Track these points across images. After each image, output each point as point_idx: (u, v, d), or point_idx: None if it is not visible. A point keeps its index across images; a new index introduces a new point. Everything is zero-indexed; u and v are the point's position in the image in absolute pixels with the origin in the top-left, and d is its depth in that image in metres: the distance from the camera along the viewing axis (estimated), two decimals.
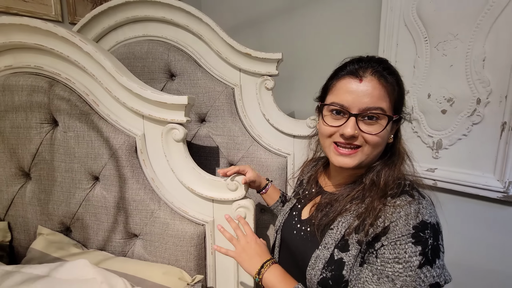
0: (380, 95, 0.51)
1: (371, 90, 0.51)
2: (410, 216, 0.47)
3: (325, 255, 0.53)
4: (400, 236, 0.47)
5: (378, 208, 0.50)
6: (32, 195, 0.86)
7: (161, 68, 1.08)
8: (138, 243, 0.86)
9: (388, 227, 0.48)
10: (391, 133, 0.56)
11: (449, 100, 0.90)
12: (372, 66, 0.52)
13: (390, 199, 0.51)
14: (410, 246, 0.46)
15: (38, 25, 0.76)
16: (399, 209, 0.48)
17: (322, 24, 1.22)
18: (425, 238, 0.46)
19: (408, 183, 0.54)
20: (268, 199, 0.88)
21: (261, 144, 1.09)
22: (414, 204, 0.49)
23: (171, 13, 1.05)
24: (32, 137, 0.83)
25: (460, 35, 0.86)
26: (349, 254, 0.51)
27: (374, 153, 0.54)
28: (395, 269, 0.46)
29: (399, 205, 0.49)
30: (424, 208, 0.48)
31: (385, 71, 0.52)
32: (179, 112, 0.79)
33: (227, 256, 0.68)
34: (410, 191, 0.52)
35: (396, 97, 0.53)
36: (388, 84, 0.51)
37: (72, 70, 0.82)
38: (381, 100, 0.51)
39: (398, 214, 0.48)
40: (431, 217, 0.48)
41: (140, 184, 0.83)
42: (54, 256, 0.78)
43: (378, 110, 0.51)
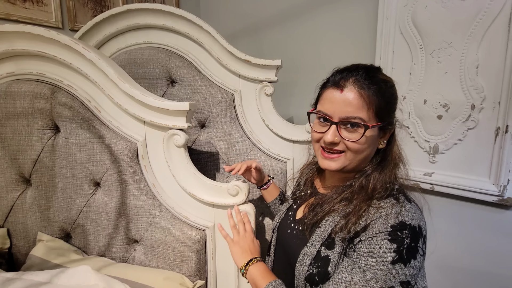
0: (359, 105, 0.53)
1: (351, 100, 0.54)
2: (390, 216, 0.50)
3: (312, 252, 0.55)
4: (377, 232, 0.49)
5: (363, 209, 0.53)
6: (33, 202, 0.86)
7: (162, 74, 1.10)
8: (139, 249, 0.86)
9: (368, 224, 0.51)
10: (382, 138, 0.58)
11: (444, 106, 0.92)
12: (354, 76, 0.55)
13: (375, 201, 0.53)
14: (385, 242, 0.48)
15: (41, 33, 0.77)
16: (381, 210, 0.51)
17: (321, 32, 1.25)
18: (402, 237, 0.48)
19: (397, 188, 0.56)
20: (267, 195, 0.91)
21: (261, 149, 1.10)
22: (397, 206, 0.51)
23: (172, 20, 1.07)
24: (34, 143, 0.84)
25: (454, 43, 0.89)
26: (334, 251, 0.54)
27: (357, 158, 0.56)
28: (368, 261, 0.48)
29: (382, 206, 0.52)
30: (406, 211, 0.50)
31: (367, 80, 0.54)
32: (181, 118, 0.80)
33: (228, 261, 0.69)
34: (397, 194, 0.54)
35: (378, 106, 0.54)
36: (369, 94, 0.54)
37: (74, 77, 0.83)
38: (360, 110, 0.53)
39: (380, 214, 0.51)
40: (412, 219, 0.50)
41: (141, 190, 0.84)
42: (55, 262, 0.78)
43: (356, 119, 0.54)
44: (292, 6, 1.32)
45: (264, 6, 1.43)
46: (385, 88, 0.55)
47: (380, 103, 0.54)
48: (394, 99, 0.58)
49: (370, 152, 0.57)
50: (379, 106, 0.54)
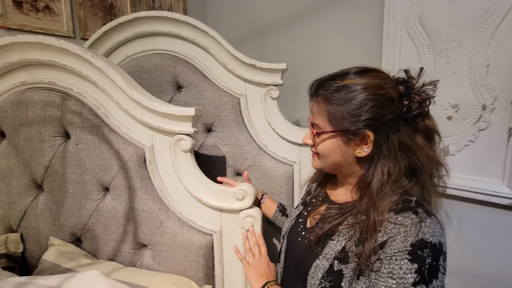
0: (315, 112, 0.57)
1: (313, 108, 0.58)
2: (410, 233, 0.47)
3: (324, 265, 0.54)
4: (396, 251, 0.47)
5: (378, 223, 0.50)
6: (44, 207, 0.88)
7: (168, 80, 1.11)
8: (147, 253, 0.87)
9: (386, 241, 0.48)
10: (358, 147, 0.55)
11: (454, 107, 0.90)
12: (319, 86, 0.58)
13: (392, 214, 0.50)
14: (405, 262, 0.46)
15: (52, 43, 0.80)
16: (399, 226, 0.48)
17: (326, 34, 1.24)
18: (423, 256, 0.45)
19: (415, 200, 0.52)
20: (266, 210, 0.90)
21: (267, 153, 1.10)
22: (416, 221, 0.48)
23: (178, 27, 1.09)
24: (45, 150, 0.86)
25: (462, 42, 0.87)
26: (348, 266, 0.51)
27: (328, 162, 0.59)
28: (388, 283, 0.46)
29: (400, 221, 0.49)
30: (427, 227, 0.47)
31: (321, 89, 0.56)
32: (187, 123, 0.80)
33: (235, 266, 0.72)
34: (415, 208, 0.50)
35: (331, 112, 0.54)
36: (327, 102, 0.55)
37: (83, 84, 0.85)
38: (317, 116, 0.57)
39: (398, 230, 0.48)
40: (433, 236, 0.47)
41: (149, 195, 0.84)
42: (65, 267, 0.79)
43: (314, 125, 0.58)
44: (297, 9, 1.33)
45: (269, 10, 1.43)
46: (347, 94, 0.53)
47: (334, 109, 0.54)
48: (360, 103, 0.52)
49: (338, 158, 0.57)
50: (333, 113, 0.54)
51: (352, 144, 0.55)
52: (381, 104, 0.52)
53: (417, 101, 0.54)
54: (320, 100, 0.56)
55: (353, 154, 0.55)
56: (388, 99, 0.52)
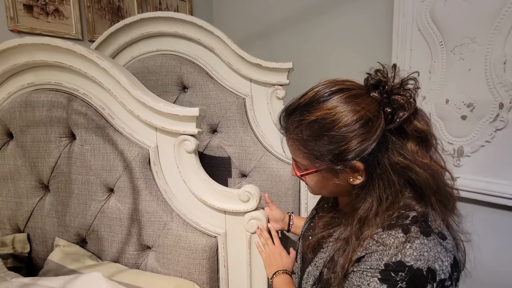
0: (294, 150, 0.52)
1: (288, 144, 0.54)
2: (387, 252, 0.43)
3: (315, 273, 0.54)
4: (368, 267, 0.44)
5: (364, 238, 0.46)
6: (51, 207, 0.89)
7: (174, 81, 1.11)
8: (151, 255, 0.86)
9: (363, 256, 0.45)
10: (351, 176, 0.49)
11: (469, 106, 0.86)
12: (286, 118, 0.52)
13: (380, 231, 0.45)
14: (375, 281, 0.43)
15: (59, 44, 0.80)
16: (379, 243, 0.44)
17: (333, 32, 1.22)
18: (395, 279, 0.41)
19: (413, 216, 0.45)
20: (297, 230, 0.84)
21: (273, 154, 1.08)
22: (400, 241, 0.43)
23: (183, 27, 1.08)
24: (51, 151, 0.86)
25: (477, 38, 0.83)
26: (335, 276, 0.50)
27: (324, 192, 0.56)
28: None
29: (382, 239, 0.44)
30: (412, 249, 0.42)
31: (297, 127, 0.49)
32: (191, 124, 0.79)
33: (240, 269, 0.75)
34: (409, 225, 0.44)
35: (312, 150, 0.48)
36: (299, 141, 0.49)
37: (89, 85, 0.85)
38: (296, 155, 0.52)
39: (376, 247, 0.44)
40: (417, 260, 0.41)
41: (153, 196, 0.84)
42: (70, 268, 0.79)
43: (297, 162, 0.53)
44: (304, 8, 1.30)
45: (276, 10, 1.42)
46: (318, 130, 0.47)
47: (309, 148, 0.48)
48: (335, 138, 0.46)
49: (333, 189, 0.53)
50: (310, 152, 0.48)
51: (343, 174, 0.49)
52: (360, 132, 0.45)
53: (400, 103, 0.45)
54: (293, 139, 0.50)
55: (347, 182, 0.50)
56: (366, 123, 0.45)
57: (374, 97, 0.47)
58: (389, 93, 0.46)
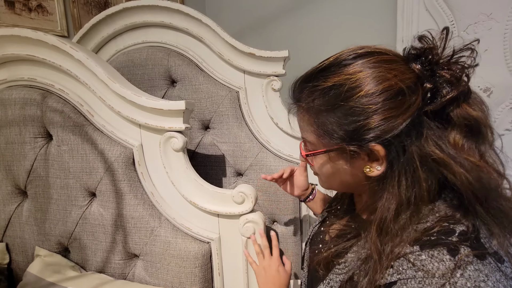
0: (303, 125, 0.44)
1: (298, 119, 0.45)
2: (430, 281, 0.32)
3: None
4: None
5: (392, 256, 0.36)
6: (29, 214, 0.82)
7: (161, 74, 1.03)
8: (138, 264, 0.79)
9: (394, 283, 0.34)
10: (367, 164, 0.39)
11: (485, 90, 0.77)
12: (299, 87, 0.44)
13: (417, 249, 0.35)
14: None
15: (29, 35, 0.73)
16: (418, 268, 0.33)
17: (332, 17, 1.13)
18: None
19: (461, 230, 0.35)
20: (315, 206, 0.73)
21: (270, 150, 1.00)
22: (447, 267, 0.32)
23: (169, 16, 1.00)
24: (27, 153, 0.79)
25: (494, 14, 0.74)
26: None
27: (335, 183, 0.46)
28: None
29: (421, 262, 0.33)
30: (465, 279, 0.31)
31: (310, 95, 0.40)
32: (177, 119, 0.72)
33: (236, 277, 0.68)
34: (457, 244, 0.33)
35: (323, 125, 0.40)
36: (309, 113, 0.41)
37: (65, 80, 0.78)
38: (305, 131, 0.43)
39: (414, 273, 0.33)
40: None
41: (138, 199, 0.76)
42: (49, 280, 0.72)
43: (306, 142, 0.45)
44: None
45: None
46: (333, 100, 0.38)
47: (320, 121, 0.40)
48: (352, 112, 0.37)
49: (345, 179, 0.43)
50: (321, 127, 0.40)
51: (358, 161, 0.40)
52: (386, 107, 0.35)
53: (447, 79, 0.35)
54: (302, 109, 0.42)
55: (363, 173, 0.40)
56: (395, 96, 0.35)
57: (413, 68, 0.36)
58: (434, 65, 0.36)
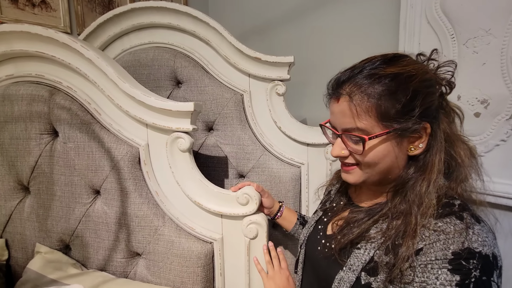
0: (355, 114, 0.46)
1: (346, 110, 0.47)
2: (453, 240, 0.40)
3: (350, 278, 0.47)
4: (433, 259, 0.40)
5: (415, 229, 0.43)
6: (31, 211, 0.81)
7: (167, 75, 1.04)
8: (141, 263, 0.79)
9: (421, 249, 0.42)
10: (412, 144, 0.48)
11: (483, 102, 0.81)
12: (350, 80, 0.48)
13: (431, 220, 0.43)
14: (444, 272, 0.39)
15: (39, 32, 0.73)
16: (439, 232, 0.42)
17: (336, 26, 1.16)
18: (468, 268, 0.38)
19: (459, 203, 0.45)
20: (284, 223, 0.81)
21: (272, 153, 1.02)
22: (462, 228, 0.41)
23: (177, 18, 1.01)
24: (32, 149, 0.79)
25: (493, 30, 0.78)
26: (377, 279, 0.45)
27: (375, 171, 0.49)
28: None
29: (441, 228, 0.42)
30: (476, 235, 0.40)
31: (366, 80, 0.46)
32: (185, 120, 0.73)
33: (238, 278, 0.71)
34: (460, 212, 0.43)
35: (382, 109, 0.45)
36: (366, 98, 0.46)
37: (73, 77, 0.78)
38: (357, 119, 0.46)
39: (437, 236, 0.41)
40: (483, 246, 0.39)
41: (143, 198, 0.77)
42: (50, 277, 0.72)
43: (355, 130, 0.47)
44: (305, 0, 1.24)
45: (275, 2, 1.35)
46: (394, 85, 0.45)
47: (383, 105, 0.45)
48: (412, 93, 0.45)
49: (390, 162, 0.48)
50: (383, 110, 0.45)
51: (405, 143, 0.47)
52: (428, 90, 0.46)
53: (446, 83, 0.50)
54: (358, 98, 0.46)
55: (406, 154, 0.48)
56: (433, 85, 0.48)
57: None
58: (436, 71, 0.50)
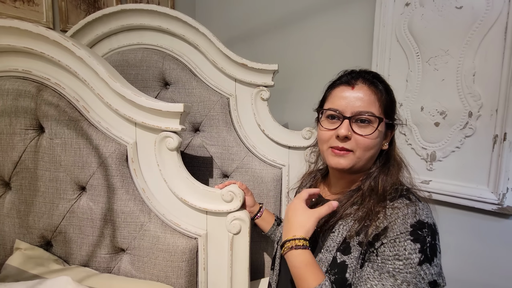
0: (370, 100, 0.56)
1: (362, 96, 0.56)
2: (408, 215, 0.50)
3: (327, 258, 0.54)
4: (398, 233, 0.49)
5: (378, 211, 0.53)
6: (11, 206, 0.80)
7: (155, 76, 1.07)
8: (125, 258, 0.81)
9: (387, 227, 0.50)
10: (385, 140, 0.60)
11: (441, 113, 0.91)
12: (363, 76, 0.58)
13: (388, 202, 0.54)
14: (409, 243, 0.48)
15: (29, 28, 0.74)
16: (397, 210, 0.51)
17: (317, 39, 1.25)
18: (423, 236, 0.48)
19: (405, 188, 0.57)
20: (263, 223, 0.86)
21: (255, 154, 1.07)
22: (411, 205, 0.51)
23: (167, 22, 1.05)
24: (15, 144, 0.79)
25: (450, 51, 0.89)
26: (351, 256, 0.52)
27: (366, 156, 0.56)
28: (395, 265, 0.48)
29: (397, 207, 0.52)
30: (421, 209, 0.51)
31: (375, 79, 0.58)
32: (174, 120, 0.76)
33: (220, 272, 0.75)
34: (408, 194, 0.55)
35: (386, 103, 0.57)
36: (378, 90, 0.57)
37: (62, 75, 0.79)
38: (371, 105, 0.56)
39: (396, 214, 0.51)
40: (428, 217, 0.50)
41: (129, 195, 0.79)
42: (32, 273, 0.72)
43: (369, 113, 0.55)
44: (289, 12, 1.32)
45: (260, 12, 1.42)
46: (390, 90, 0.60)
47: (387, 100, 0.57)
48: (395, 101, 0.61)
49: (376, 150, 0.58)
50: (387, 104, 0.57)
51: (383, 137, 0.58)
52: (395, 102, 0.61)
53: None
54: (373, 89, 0.56)
55: (381, 147, 0.59)
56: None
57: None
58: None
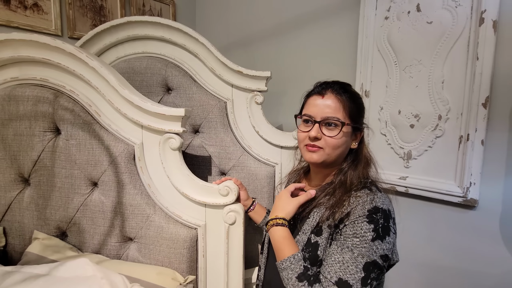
0: (337, 107, 0.66)
1: (330, 103, 0.66)
2: (366, 203, 0.61)
3: (303, 239, 0.66)
4: (357, 217, 0.59)
5: (344, 199, 0.64)
6: (30, 200, 0.90)
7: (158, 82, 1.16)
8: (133, 246, 0.90)
9: (349, 212, 0.61)
10: (355, 140, 0.70)
11: (416, 116, 1.02)
12: (332, 86, 0.68)
13: (353, 193, 0.65)
14: (365, 224, 0.58)
15: (47, 42, 0.83)
16: (359, 199, 0.62)
17: (308, 47, 1.35)
18: (377, 219, 0.59)
19: (370, 181, 0.68)
20: (255, 216, 0.94)
21: (251, 154, 1.17)
22: (371, 194, 0.62)
23: (169, 33, 1.15)
24: (35, 145, 0.88)
25: (423, 61, 1.00)
26: (322, 237, 0.64)
27: (335, 153, 0.67)
28: (353, 242, 0.58)
29: (359, 195, 0.63)
30: (378, 198, 0.62)
31: (341, 89, 0.68)
32: (176, 123, 0.86)
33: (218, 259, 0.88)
34: (370, 186, 0.66)
35: (350, 109, 0.67)
36: (343, 99, 0.67)
37: (76, 83, 0.89)
38: (337, 111, 0.66)
39: (357, 201, 0.62)
40: (383, 204, 0.61)
41: (137, 190, 0.88)
42: (51, 258, 0.81)
43: (335, 118, 0.66)
44: (282, 22, 1.43)
45: (256, 22, 1.53)
46: (355, 98, 0.69)
47: (352, 107, 0.67)
48: (362, 107, 0.71)
49: (344, 149, 0.68)
50: (352, 110, 0.67)
51: (352, 137, 0.69)
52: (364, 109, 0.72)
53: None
54: (339, 98, 0.66)
55: (349, 147, 0.69)
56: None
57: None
58: None
